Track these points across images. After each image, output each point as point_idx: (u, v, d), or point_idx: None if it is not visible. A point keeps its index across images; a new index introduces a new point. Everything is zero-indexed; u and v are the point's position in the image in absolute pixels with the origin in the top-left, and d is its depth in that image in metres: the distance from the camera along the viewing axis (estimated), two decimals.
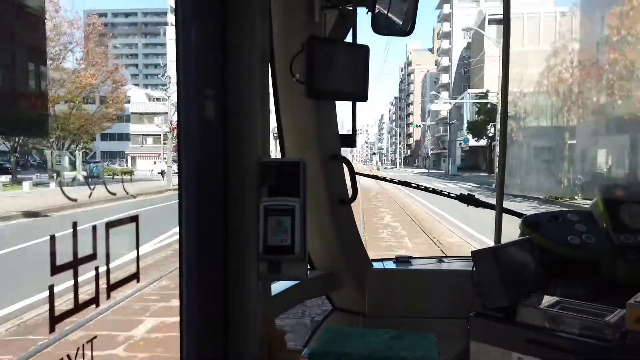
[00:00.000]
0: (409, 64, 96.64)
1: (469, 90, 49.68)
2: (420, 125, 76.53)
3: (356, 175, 2.11)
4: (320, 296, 2.28)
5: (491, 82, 41.82)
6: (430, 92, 69.98)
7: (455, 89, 61.73)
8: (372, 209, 16.75)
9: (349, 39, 1.86)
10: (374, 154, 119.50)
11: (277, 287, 1.83)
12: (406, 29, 1.88)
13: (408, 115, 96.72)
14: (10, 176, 16.40)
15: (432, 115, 68.05)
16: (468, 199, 2.27)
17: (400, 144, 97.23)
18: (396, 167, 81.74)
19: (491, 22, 48.67)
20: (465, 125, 47.17)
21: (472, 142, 45.61)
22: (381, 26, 1.87)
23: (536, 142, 27.41)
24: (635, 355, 1.10)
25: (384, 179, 2.67)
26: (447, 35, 63.22)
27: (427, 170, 59.83)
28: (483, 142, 44.39)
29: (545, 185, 23.36)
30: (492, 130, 38.32)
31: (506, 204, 2.19)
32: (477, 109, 44.09)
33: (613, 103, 20.49)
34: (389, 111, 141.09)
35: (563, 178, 23.58)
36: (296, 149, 2.02)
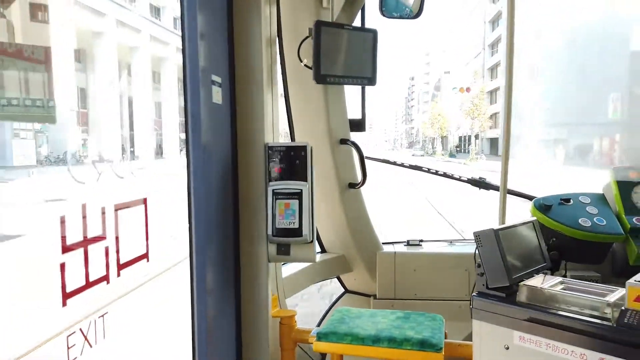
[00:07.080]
0: (412, 78, 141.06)
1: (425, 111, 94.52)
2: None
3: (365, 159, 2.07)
4: (332, 278, 2.28)
5: (446, 103, 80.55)
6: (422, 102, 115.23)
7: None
8: None
9: (357, 22, 1.82)
10: (386, 141, 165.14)
11: (289, 269, 1.84)
12: (414, 13, 1.81)
13: (411, 114, 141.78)
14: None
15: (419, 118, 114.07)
16: (479, 183, 2.25)
17: (405, 133, 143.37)
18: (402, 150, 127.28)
19: (445, 72, 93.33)
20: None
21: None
22: (389, 9, 1.80)
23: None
24: (635, 333, 1.06)
25: (394, 163, 2.55)
26: (428, 74, 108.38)
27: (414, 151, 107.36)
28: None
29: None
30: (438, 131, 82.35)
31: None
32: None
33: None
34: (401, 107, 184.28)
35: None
36: (305, 134, 1.99)
